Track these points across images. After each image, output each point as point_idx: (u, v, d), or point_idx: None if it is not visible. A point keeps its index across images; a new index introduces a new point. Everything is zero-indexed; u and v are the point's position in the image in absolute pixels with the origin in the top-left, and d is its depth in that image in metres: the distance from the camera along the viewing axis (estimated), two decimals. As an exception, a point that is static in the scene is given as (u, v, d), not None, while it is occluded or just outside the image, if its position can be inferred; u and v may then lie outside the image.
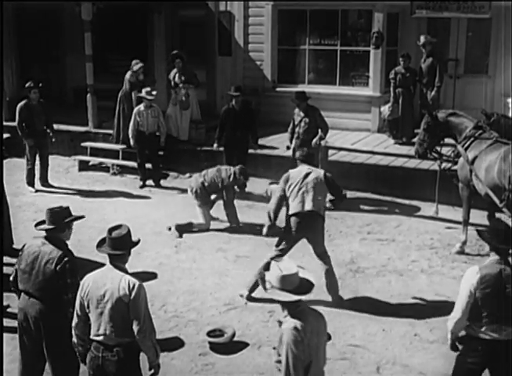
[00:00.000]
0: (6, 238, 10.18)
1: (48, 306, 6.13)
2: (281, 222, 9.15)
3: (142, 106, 13.98)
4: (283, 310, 4.98)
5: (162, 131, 14.19)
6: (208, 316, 8.58)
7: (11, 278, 6.57)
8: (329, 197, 9.20)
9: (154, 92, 14.13)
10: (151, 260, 10.28)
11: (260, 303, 8.87)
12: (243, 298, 9.02)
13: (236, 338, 7.97)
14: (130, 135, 14.07)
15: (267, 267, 8.89)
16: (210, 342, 7.89)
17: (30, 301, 6.25)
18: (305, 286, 5.01)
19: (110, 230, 5.74)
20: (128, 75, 14.93)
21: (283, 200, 8.82)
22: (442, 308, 8.64)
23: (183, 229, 11.32)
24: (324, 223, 9.02)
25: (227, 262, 9.91)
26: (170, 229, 11.36)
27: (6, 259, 9.06)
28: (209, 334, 7.98)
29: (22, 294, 6.38)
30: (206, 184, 11.37)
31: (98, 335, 5.57)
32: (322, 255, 9.00)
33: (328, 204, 9.40)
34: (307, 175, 8.76)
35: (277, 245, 8.88)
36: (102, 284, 5.55)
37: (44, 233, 6.43)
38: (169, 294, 9.25)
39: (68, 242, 6.51)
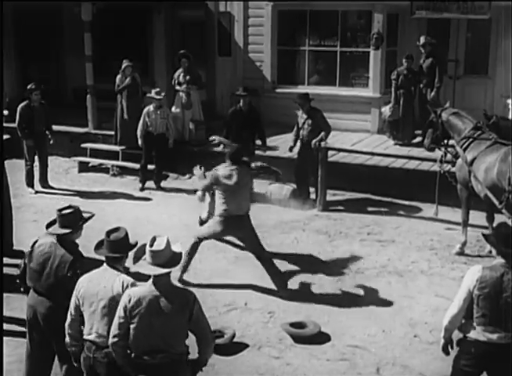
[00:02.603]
0: (6, 239, 10.18)
1: (57, 305, 6.13)
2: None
3: (151, 107, 13.94)
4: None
5: (171, 132, 14.12)
6: (208, 317, 8.55)
7: (18, 272, 6.57)
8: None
9: (163, 93, 14.12)
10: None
11: (260, 304, 8.89)
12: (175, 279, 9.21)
13: (235, 339, 7.96)
14: (138, 135, 14.01)
15: (195, 247, 9.22)
16: None
17: (39, 299, 6.26)
18: (175, 260, 5.37)
19: (108, 233, 5.77)
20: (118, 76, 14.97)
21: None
22: (442, 309, 8.65)
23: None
24: (250, 221, 9.30)
25: (227, 263, 9.91)
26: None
27: (6, 260, 9.05)
28: None
29: (31, 291, 6.39)
30: None
31: (90, 334, 5.57)
32: (256, 251, 9.30)
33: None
34: (237, 175, 9.03)
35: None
36: (97, 283, 5.58)
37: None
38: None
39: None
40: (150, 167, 14.21)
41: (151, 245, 5.35)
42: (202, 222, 10.75)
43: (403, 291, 9.35)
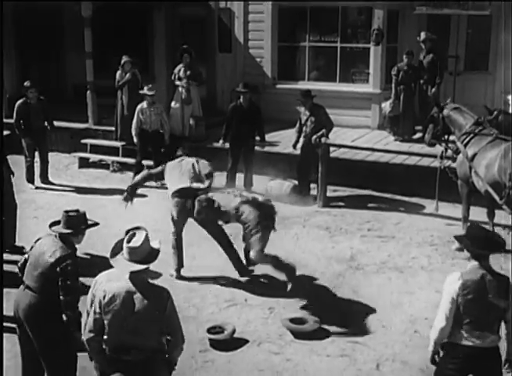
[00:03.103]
0: (8, 235, 10.18)
1: (39, 297, 6.09)
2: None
3: (144, 104, 13.96)
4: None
5: (166, 128, 14.16)
6: (208, 312, 8.58)
7: (18, 265, 6.56)
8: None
9: (155, 90, 14.10)
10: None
11: (260, 300, 8.89)
12: (172, 277, 9.52)
13: (236, 335, 7.96)
14: (133, 133, 14.05)
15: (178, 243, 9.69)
16: (210, 339, 7.88)
17: (24, 292, 6.23)
18: (152, 257, 5.42)
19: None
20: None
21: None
22: (442, 305, 8.66)
23: None
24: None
25: (227, 259, 9.88)
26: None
27: (7, 256, 9.06)
28: (209, 330, 7.97)
29: (21, 286, 6.37)
30: None
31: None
32: (216, 235, 9.59)
33: None
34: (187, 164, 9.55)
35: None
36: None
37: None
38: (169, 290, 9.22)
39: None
40: (147, 163, 14.20)
41: (128, 241, 5.33)
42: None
43: (403, 286, 9.35)
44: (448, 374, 5.61)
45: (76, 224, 6.31)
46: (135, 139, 14.13)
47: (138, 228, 5.73)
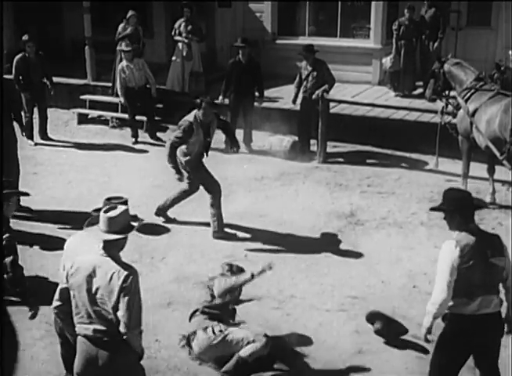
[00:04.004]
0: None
1: None
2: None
3: (124, 62, 13.82)
4: None
5: (151, 82, 14.01)
6: (208, 268, 8.61)
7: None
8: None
9: (130, 48, 13.91)
10: (151, 213, 10.29)
11: (260, 256, 8.91)
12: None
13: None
14: (119, 93, 13.99)
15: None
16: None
17: None
18: (128, 228, 5.10)
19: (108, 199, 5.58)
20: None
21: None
22: (441, 260, 8.70)
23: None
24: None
25: (227, 215, 9.90)
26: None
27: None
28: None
29: None
30: None
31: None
32: (211, 191, 9.55)
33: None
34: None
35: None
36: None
37: None
38: (169, 246, 9.29)
39: (69, 195, 6.45)
40: (143, 118, 14.26)
41: (106, 211, 5.08)
42: None
43: (403, 242, 9.39)
44: (457, 349, 5.39)
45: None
46: (121, 99, 14.06)
47: (119, 197, 5.65)
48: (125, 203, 5.60)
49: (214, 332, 6.58)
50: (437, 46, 14.36)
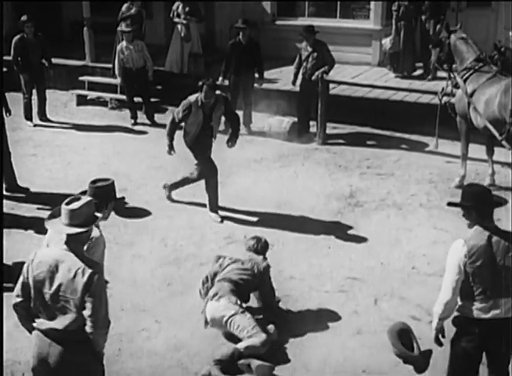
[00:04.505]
0: (9, 176, 10.16)
1: None
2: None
3: (124, 43, 13.75)
4: None
5: (149, 65, 13.92)
6: (208, 249, 8.64)
7: None
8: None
9: (131, 28, 13.82)
10: (150, 195, 10.30)
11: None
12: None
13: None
14: (117, 74, 13.94)
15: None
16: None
17: None
18: (91, 221, 4.85)
19: (94, 181, 5.48)
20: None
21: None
22: (440, 241, 8.71)
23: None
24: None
25: (226, 197, 9.91)
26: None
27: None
28: None
29: None
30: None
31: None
32: (206, 176, 9.59)
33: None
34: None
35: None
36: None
37: None
38: (168, 228, 9.30)
39: (68, 177, 6.43)
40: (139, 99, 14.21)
41: (68, 204, 4.86)
42: None
43: (402, 223, 9.40)
44: (467, 353, 5.16)
45: None
46: (118, 79, 14.02)
47: (105, 179, 5.56)
48: (112, 184, 5.53)
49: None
50: (439, 28, 14.25)
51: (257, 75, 13.16)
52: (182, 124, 9.46)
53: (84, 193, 5.39)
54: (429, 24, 14.48)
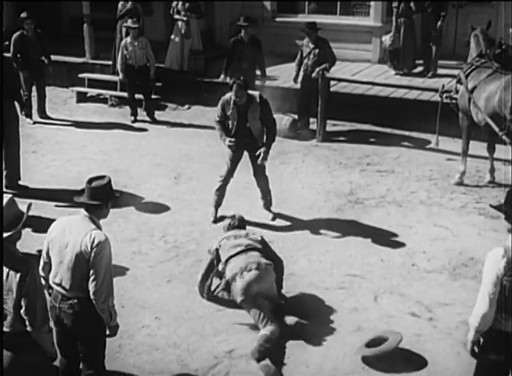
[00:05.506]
0: (13, 173, 10.17)
1: None
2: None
3: (128, 39, 13.68)
4: None
5: (152, 63, 13.83)
6: (208, 246, 8.62)
7: None
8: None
9: (138, 25, 13.81)
10: (151, 191, 10.30)
11: (258, 233, 8.90)
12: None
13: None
14: (119, 70, 13.89)
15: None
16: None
17: None
18: (16, 222, 4.82)
19: (90, 180, 5.43)
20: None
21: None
22: (440, 238, 8.72)
23: None
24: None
25: (227, 193, 9.91)
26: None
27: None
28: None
29: None
30: None
31: (55, 283, 5.31)
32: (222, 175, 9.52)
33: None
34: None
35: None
36: (69, 232, 5.25)
37: None
38: (169, 225, 9.30)
39: (68, 174, 6.41)
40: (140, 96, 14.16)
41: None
42: None
43: (402, 220, 9.39)
44: (492, 366, 4.96)
45: None
46: (120, 76, 13.97)
47: (101, 177, 5.51)
48: (109, 182, 5.47)
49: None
50: (440, 25, 14.25)
51: (258, 72, 13.15)
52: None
53: (82, 192, 5.40)
54: (431, 21, 14.44)
